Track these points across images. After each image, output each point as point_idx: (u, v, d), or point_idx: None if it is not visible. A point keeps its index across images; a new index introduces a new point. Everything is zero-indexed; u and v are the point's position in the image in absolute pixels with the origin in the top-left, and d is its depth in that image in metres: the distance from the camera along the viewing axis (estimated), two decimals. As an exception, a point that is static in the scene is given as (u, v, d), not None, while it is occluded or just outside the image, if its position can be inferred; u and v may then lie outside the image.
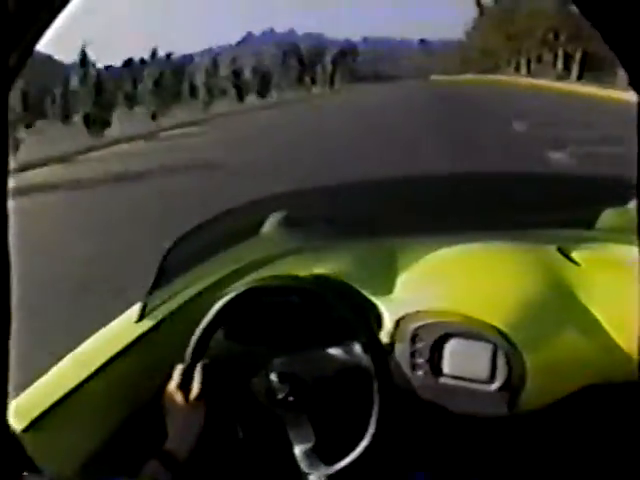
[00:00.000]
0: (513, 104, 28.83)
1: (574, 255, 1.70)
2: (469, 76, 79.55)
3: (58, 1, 0.61)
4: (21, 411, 1.30)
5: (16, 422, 1.26)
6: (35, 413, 1.31)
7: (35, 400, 1.36)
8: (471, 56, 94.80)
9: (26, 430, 1.27)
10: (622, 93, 24.13)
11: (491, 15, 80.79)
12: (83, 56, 27.27)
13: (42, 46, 0.66)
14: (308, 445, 1.50)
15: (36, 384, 1.43)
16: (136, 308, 1.69)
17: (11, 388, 0.55)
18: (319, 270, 1.69)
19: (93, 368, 1.48)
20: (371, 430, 1.43)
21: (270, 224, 2.16)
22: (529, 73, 67.02)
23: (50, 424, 1.32)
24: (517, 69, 74.32)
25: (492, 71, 78.41)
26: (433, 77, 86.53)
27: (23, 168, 16.00)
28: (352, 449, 1.44)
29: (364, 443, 1.43)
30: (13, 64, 0.58)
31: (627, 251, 1.73)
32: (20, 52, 0.59)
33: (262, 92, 50.33)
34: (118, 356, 1.55)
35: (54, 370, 1.50)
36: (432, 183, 2.58)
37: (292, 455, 1.52)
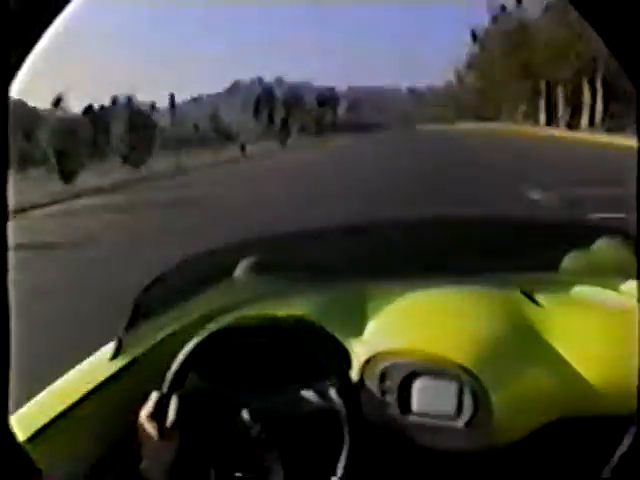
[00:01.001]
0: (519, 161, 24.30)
1: (537, 297, 1.76)
2: (462, 125, 65.53)
3: (58, 1, 0.62)
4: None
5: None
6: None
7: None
8: (466, 101, 77.83)
9: None
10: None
11: (492, 49, 63.68)
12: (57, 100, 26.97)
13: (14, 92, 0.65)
14: None
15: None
16: (111, 345, 1.71)
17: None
18: (290, 312, 1.72)
19: (68, 404, 1.49)
20: (339, 472, 1.44)
21: (242, 268, 2.20)
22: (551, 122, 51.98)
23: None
24: (528, 117, 57.68)
25: (493, 119, 64.01)
26: (419, 127, 72.16)
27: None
28: None
29: None
30: (13, 62, 0.58)
31: (589, 291, 1.79)
32: (21, 51, 0.59)
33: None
34: (92, 393, 1.56)
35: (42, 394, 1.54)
36: (401, 228, 2.63)
37: None
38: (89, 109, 50.26)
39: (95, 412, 1.57)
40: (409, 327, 1.71)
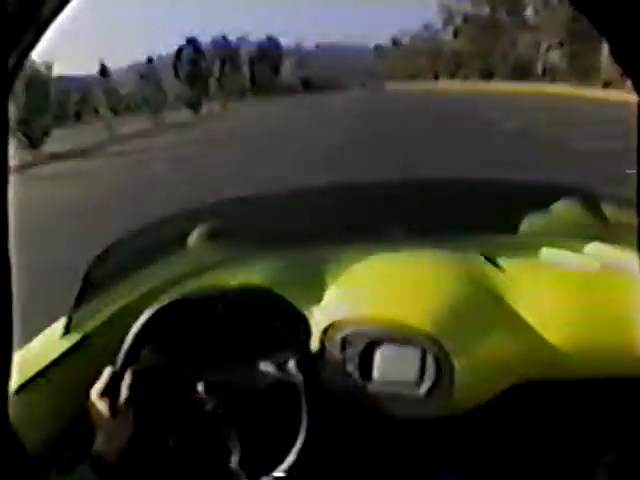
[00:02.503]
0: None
1: (498, 260, 1.74)
2: (444, 83, 53.41)
3: (57, 2, 0.62)
4: None
5: None
6: None
7: None
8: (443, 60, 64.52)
9: None
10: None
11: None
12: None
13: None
14: (235, 457, 1.47)
15: None
16: (61, 322, 1.64)
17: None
18: (246, 281, 1.67)
19: (18, 384, 1.43)
20: (298, 444, 1.41)
21: (197, 236, 2.14)
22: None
23: None
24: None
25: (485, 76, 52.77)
26: (389, 85, 59.75)
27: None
28: (280, 463, 1.42)
29: (291, 457, 1.41)
30: (12, 64, 0.58)
31: (551, 254, 1.78)
32: (19, 52, 0.59)
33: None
34: (44, 372, 1.50)
35: None
36: (356, 192, 2.59)
37: (221, 467, 1.49)
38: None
39: (47, 392, 1.51)
40: (369, 293, 1.67)
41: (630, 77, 0.58)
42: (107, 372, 1.43)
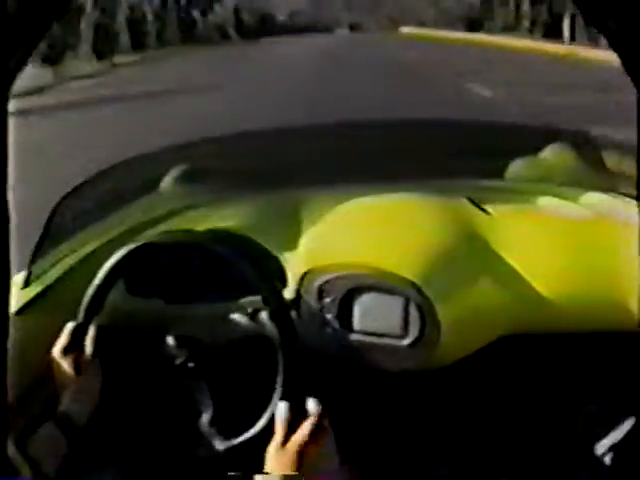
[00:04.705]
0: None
1: (485, 205, 1.66)
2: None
3: (58, 2, 0.62)
4: None
5: None
6: None
7: None
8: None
9: None
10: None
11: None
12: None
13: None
14: (207, 415, 1.39)
15: None
16: (21, 274, 1.54)
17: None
18: (219, 225, 1.59)
19: None
20: (274, 401, 1.32)
21: (170, 178, 2.04)
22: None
23: None
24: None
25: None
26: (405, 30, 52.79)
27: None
28: (256, 420, 1.34)
29: (266, 415, 1.32)
30: (13, 65, 0.58)
31: (540, 201, 1.71)
32: (20, 52, 0.59)
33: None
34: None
35: None
36: (337, 132, 2.50)
37: (192, 426, 1.42)
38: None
39: (12, 345, 1.42)
40: (349, 238, 1.60)
41: (630, 75, 0.57)
42: (69, 327, 1.33)
